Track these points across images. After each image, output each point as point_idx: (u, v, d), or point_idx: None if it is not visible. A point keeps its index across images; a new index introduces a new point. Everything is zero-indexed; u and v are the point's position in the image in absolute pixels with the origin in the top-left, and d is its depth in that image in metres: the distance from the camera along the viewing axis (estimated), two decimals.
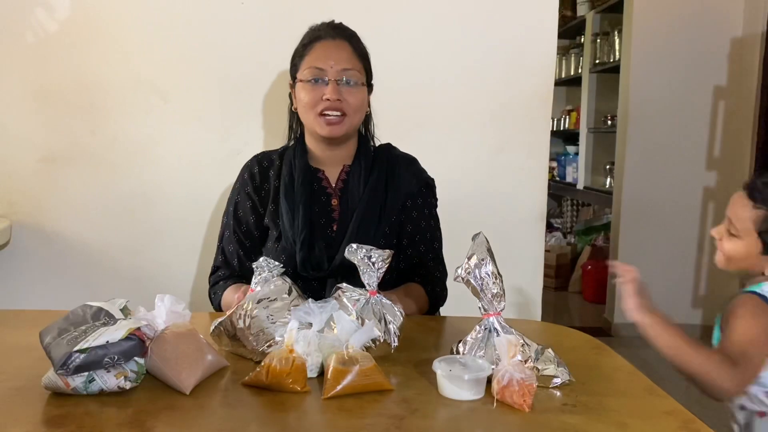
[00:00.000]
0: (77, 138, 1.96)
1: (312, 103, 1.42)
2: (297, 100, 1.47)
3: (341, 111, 1.42)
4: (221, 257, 1.52)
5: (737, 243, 1.35)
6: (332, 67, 1.42)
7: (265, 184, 1.52)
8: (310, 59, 1.44)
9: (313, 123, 1.44)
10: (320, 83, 1.42)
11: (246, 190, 1.52)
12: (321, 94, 1.41)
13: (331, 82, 1.41)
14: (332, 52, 1.43)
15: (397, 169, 1.52)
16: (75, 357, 0.92)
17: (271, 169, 1.53)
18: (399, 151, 1.59)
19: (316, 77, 1.42)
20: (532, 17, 2.00)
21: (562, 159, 5.44)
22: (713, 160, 3.89)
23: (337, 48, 1.45)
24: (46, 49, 1.92)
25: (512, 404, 0.94)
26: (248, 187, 1.52)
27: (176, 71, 1.96)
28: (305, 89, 1.43)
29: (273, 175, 1.52)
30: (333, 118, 1.42)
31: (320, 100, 1.41)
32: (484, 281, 1.05)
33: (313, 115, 1.43)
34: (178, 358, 1.01)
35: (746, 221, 1.30)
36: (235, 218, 1.51)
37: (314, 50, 1.44)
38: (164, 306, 1.06)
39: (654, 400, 0.99)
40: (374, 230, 1.44)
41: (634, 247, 3.97)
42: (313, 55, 1.44)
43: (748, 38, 3.74)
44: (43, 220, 1.98)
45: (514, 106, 2.03)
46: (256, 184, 1.52)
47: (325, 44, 1.45)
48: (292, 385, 0.98)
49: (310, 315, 1.06)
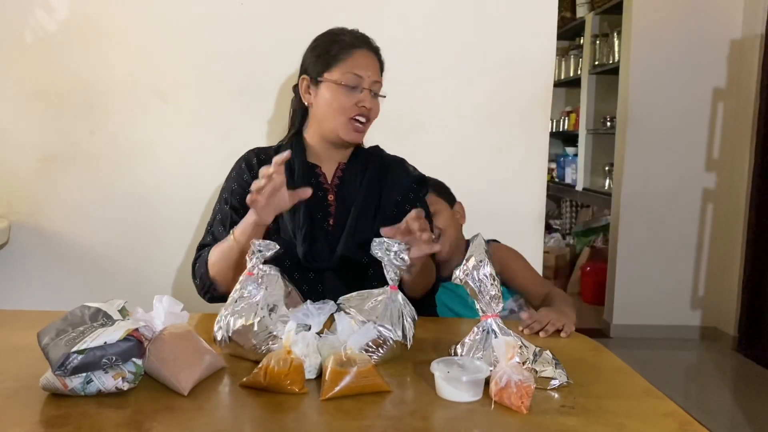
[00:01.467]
0: (76, 138, 1.96)
1: (346, 107, 1.47)
2: (321, 99, 1.49)
3: (369, 119, 1.50)
4: (210, 238, 1.52)
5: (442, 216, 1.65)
6: (369, 77, 1.48)
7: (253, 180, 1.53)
8: (349, 65, 1.47)
9: (339, 126, 1.48)
10: (356, 90, 1.47)
11: (243, 178, 1.52)
12: (356, 101, 1.47)
13: (366, 91, 1.48)
14: (370, 62, 1.50)
15: (389, 168, 1.59)
16: (73, 358, 0.93)
17: (267, 163, 1.54)
18: (387, 153, 1.65)
19: (354, 83, 1.47)
20: (532, 18, 2.00)
21: (562, 160, 5.44)
22: (712, 162, 3.90)
23: (372, 60, 1.51)
24: (45, 49, 1.92)
25: (510, 406, 0.94)
26: (246, 176, 1.53)
27: (175, 72, 1.96)
28: (340, 92, 1.47)
29: None
30: (360, 126, 1.49)
31: (354, 106, 1.47)
32: (482, 283, 1.05)
33: (344, 120, 1.47)
34: (176, 359, 1.01)
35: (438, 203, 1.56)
36: (231, 205, 1.51)
37: (354, 57, 1.48)
38: (162, 307, 1.06)
39: (652, 402, 1.00)
40: (371, 225, 1.46)
41: (633, 249, 3.97)
42: (353, 62, 1.47)
43: (747, 40, 3.74)
44: (41, 221, 1.98)
45: (513, 108, 2.03)
46: (254, 175, 1.52)
47: (364, 54, 1.50)
48: (290, 386, 0.98)
49: (309, 317, 1.06)
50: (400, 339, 1.12)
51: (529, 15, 2.00)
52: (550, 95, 2.04)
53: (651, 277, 3.97)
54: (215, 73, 1.97)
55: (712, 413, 2.91)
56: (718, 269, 3.93)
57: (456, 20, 1.99)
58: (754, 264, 3.67)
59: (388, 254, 1.13)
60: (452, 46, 2.00)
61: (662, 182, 3.91)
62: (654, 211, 3.94)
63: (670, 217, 3.93)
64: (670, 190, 3.91)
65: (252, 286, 1.14)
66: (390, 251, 1.13)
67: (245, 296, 1.14)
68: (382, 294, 1.15)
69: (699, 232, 3.95)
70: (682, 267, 3.97)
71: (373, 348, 1.11)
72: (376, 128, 1.62)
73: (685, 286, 3.99)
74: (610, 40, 4.40)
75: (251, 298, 1.13)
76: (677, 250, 3.96)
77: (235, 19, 1.95)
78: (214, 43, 1.95)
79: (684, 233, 3.95)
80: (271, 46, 1.96)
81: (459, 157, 2.03)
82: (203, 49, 1.96)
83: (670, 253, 3.96)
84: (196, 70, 1.96)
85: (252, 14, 1.94)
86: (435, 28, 1.99)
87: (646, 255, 3.96)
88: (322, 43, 1.52)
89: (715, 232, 3.93)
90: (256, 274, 1.15)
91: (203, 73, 1.97)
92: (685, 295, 3.99)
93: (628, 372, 1.13)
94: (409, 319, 1.15)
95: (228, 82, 1.97)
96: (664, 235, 3.96)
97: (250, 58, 1.96)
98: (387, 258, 1.13)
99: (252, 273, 1.15)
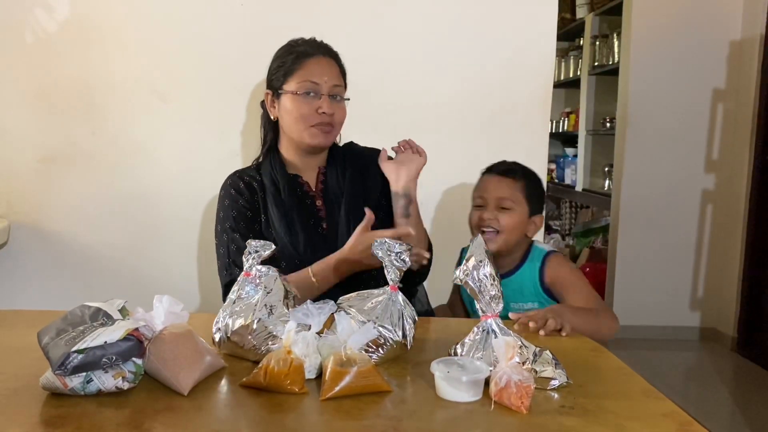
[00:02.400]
0: (76, 138, 1.96)
1: (306, 115, 1.48)
2: (283, 111, 1.52)
3: (331, 124, 1.51)
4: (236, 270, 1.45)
5: (514, 214, 1.57)
6: (326, 83, 1.49)
7: (255, 196, 1.55)
8: (303, 73, 1.49)
9: (303, 134, 1.50)
10: (314, 97, 1.49)
11: (240, 203, 1.53)
12: (315, 107, 1.48)
13: (324, 96, 1.49)
14: (325, 68, 1.51)
15: (367, 161, 1.62)
16: (73, 357, 0.93)
17: (253, 182, 1.57)
18: (362, 146, 1.68)
19: (311, 90, 1.48)
20: (532, 19, 2.00)
21: (561, 161, 5.44)
22: (712, 163, 3.90)
23: (329, 65, 1.53)
24: (45, 49, 1.92)
25: (510, 406, 0.94)
26: (241, 200, 1.53)
27: (175, 72, 1.96)
28: (297, 101, 1.49)
29: (257, 187, 1.56)
30: (325, 128, 1.50)
31: (314, 113, 1.48)
32: (482, 283, 1.05)
33: (304, 126, 1.49)
34: (176, 359, 1.01)
35: (516, 192, 1.58)
36: (240, 233, 1.49)
37: (308, 65, 1.50)
38: (162, 307, 1.06)
39: (651, 402, 1.00)
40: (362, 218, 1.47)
41: (632, 250, 3.97)
42: (307, 70, 1.49)
43: (746, 41, 3.75)
44: (41, 221, 1.98)
45: (513, 108, 2.03)
46: (247, 197, 1.54)
47: (318, 60, 1.51)
48: (290, 386, 0.98)
49: (309, 316, 1.06)
50: (400, 339, 1.12)
51: (528, 16, 2.00)
52: (550, 96, 2.04)
53: (650, 277, 3.97)
54: (215, 73, 1.97)
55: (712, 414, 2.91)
56: (717, 270, 3.93)
57: (456, 21, 2.00)
58: (753, 265, 3.67)
59: (389, 255, 1.13)
60: (452, 47, 2.00)
61: (662, 183, 3.91)
62: (653, 212, 3.94)
63: (669, 218, 3.93)
64: (669, 191, 3.91)
65: (249, 286, 1.14)
66: (391, 252, 1.13)
67: (243, 297, 1.14)
68: (382, 294, 1.15)
69: (698, 233, 3.95)
70: (681, 268, 3.97)
71: (373, 348, 1.11)
72: (376, 128, 1.62)
73: (684, 287, 3.99)
74: (609, 41, 4.40)
75: (249, 299, 1.13)
76: (677, 251, 3.96)
77: (235, 19, 1.95)
78: (214, 43, 1.96)
79: (683, 234, 3.95)
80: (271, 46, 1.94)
81: (459, 157, 2.03)
82: (203, 49, 1.96)
83: (670, 254, 3.96)
84: (197, 70, 1.97)
85: (252, 14, 1.95)
86: (435, 29, 1.99)
87: (646, 256, 3.96)
88: (280, 56, 1.55)
89: (714, 233, 3.93)
90: (253, 275, 1.15)
91: (203, 73, 1.97)
92: (685, 296, 3.99)
93: (628, 372, 1.13)
94: (410, 319, 1.15)
95: (228, 82, 1.97)
96: (664, 236, 3.96)
97: (250, 58, 1.96)
98: (388, 259, 1.13)
99: (249, 274, 1.15)
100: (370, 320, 1.11)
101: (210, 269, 2.02)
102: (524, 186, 1.60)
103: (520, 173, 1.61)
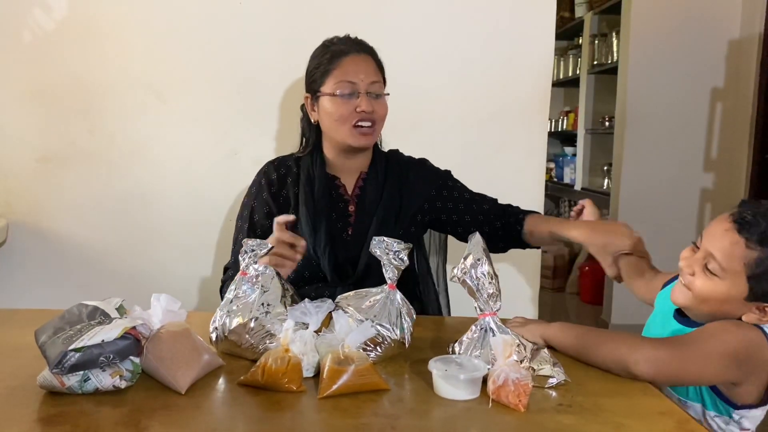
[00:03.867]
0: (74, 138, 1.96)
1: (346, 115, 1.45)
2: (323, 113, 1.49)
3: (372, 121, 1.48)
4: (232, 259, 1.52)
5: (717, 283, 1.11)
6: (363, 81, 1.46)
7: (283, 191, 1.54)
8: (339, 73, 1.46)
9: (346, 135, 1.48)
10: (352, 96, 1.46)
11: (263, 196, 1.53)
12: (354, 107, 1.45)
13: (362, 95, 1.46)
14: (361, 65, 1.47)
15: (409, 174, 1.59)
16: (70, 356, 0.92)
17: (288, 176, 1.56)
18: (406, 156, 1.65)
19: (350, 91, 1.45)
20: (530, 18, 2.00)
21: (560, 160, 5.44)
22: (710, 162, 3.90)
23: (365, 62, 1.49)
24: (43, 48, 1.92)
25: (508, 404, 0.94)
26: (265, 193, 1.53)
27: (174, 71, 1.96)
28: (336, 103, 1.46)
29: (291, 182, 1.55)
30: (366, 129, 1.47)
31: (353, 113, 1.45)
32: (480, 281, 1.05)
33: (347, 128, 1.47)
34: (173, 358, 1.01)
35: (735, 260, 1.08)
36: (250, 222, 1.52)
37: (343, 64, 1.46)
38: (160, 305, 1.06)
39: (649, 401, 1.00)
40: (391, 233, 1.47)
41: None
42: (343, 69, 1.46)
43: (745, 40, 3.75)
44: (39, 220, 1.98)
45: (511, 107, 2.03)
46: (274, 191, 1.54)
47: (353, 59, 1.48)
48: (288, 384, 0.98)
49: (307, 315, 1.06)
50: (398, 337, 1.12)
51: (527, 15, 2.00)
52: (549, 95, 2.04)
53: None
54: (214, 72, 1.97)
55: None
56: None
57: (455, 20, 1.99)
58: None
59: (388, 254, 1.13)
60: (451, 46, 2.00)
61: (660, 182, 3.91)
62: (652, 210, 3.94)
63: (668, 216, 3.93)
64: (668, 189, 3.92)
65: (246, 285, 1.14)
66: (390, 251, 1.13)
67: (240, 296, 1.14)
68: (380, 293, 1.15)
69: (697, 232, 3.93)
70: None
71: (371, 346, 1.11)
72: None
73: None
74: (608, 39, 4.40)
75: (246, 298, 1.13)
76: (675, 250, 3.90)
77: (233, 18, 1.94)
78: (212, 43, 1.95)
79: (682, 233, 3.94)
80: (270, 45, 1.96)
81: (458, 156, 2.03)
82: (202, 48, 1.95)
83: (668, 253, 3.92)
84: (195, 70, 1.96)
85: (251, 14, 1.94)
86: (434, 27, 1.99)
87: None
88: (315, 57, 1.52)
89: None
90: (250, 274, 1.15)
91: (202, 72, 1.96)
92: None
93: None
94: (408, 318, 1.15)
95: (226, 82, 1.97)
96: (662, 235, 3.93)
97: (248, 58, 1.96)
98: (386, 257, 1.13)
99: (246, 273, 1.15)
100: (368, 319, 1.11)
101: (207, 268, 2.02)
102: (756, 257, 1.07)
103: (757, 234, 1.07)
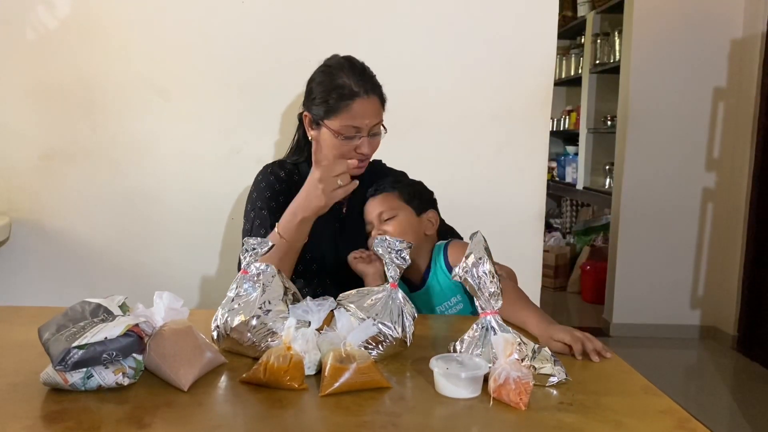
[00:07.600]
0: (77, 135, 1.96)
1: (345, 153, 1.46)
2: (323, 139, 1.48)
3: (368, 157, 1.50)
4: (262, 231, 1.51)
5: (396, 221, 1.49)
6: (367, 125, 1.46)
7: (292, 187, 1.54)
8: (346, 117, 1.44)
9: None
10: (354, 139, 1.46)
11: (276, 188, 1.55)
12: (354, 147, 1.46)
13: (364, 138, 1.46)
14: (368, 109, 1.46)
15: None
16: (73, 353, 0.93)
17: (294, 174, 1.59)
18: (388, 167, 1.69)
19: (353, 134, 1.46)
20: (532, 17, 2.00)
21: (562, 159, 5.44)
22: (712, 161, 3.90)
23: (372, 105, 1.47)
24: (46, 46, 1.92)
25: (509, 402, 0.94)
26: (277, 186, 1.55)
27: (176, 69, 1.96)
28: (339, 141, 1.46)
29: (297, 180, 1.56)
30: (361, 164, 1.48)
31: (353, 152, 1.46)
32: (481, 280, 1.05)
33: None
34: (176, 355, 1.01)
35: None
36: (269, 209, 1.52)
37: (352, 108, 1.44)
38: (163, 303, 1.07)
39: (650, 399, 1.00)
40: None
41: (633, 248, 3.98)
42: (351, 114, 1.44)
43: (748, 39, 3.74)
44: (42, 218, 1.99)
45: (513, 107, 2.03)
46: (285, 186, 1.55)
47: (362, 103, 1.45)
48: (290, 382, 0.99)
49: (309, 313, 1.06)
50: (399, 336, 1.12)
51: (529, 14, 2.00)
52: (551, 94, 2.04)
53: (651, 276, 3.97)
54: (216, 70, 1.97)
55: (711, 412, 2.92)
56: (717, 268, 3.93)
57: (456, 20, 1.99)
58: (753, 263, 3.67)
59: (390, 253, 1.14)
60: (453, 45, 2.00)
61: (662, 181, 3.91)
62: (654, 210, 3.94)
63: (670, 216, 3.94)
64: (670, 189, 3.92)
65: (248, 284, 1.14)
66: (392, 250, 1.14)
67: (241, 295, 1.14)
68: (382, 291, 1.16)
69: (699, 232, 3.95)
70: (681, 266, 3.97)
71: (373, 345, 1.11)
72: None
73: (684, 285, 3.99)
74: (611, 39, 4.40)
75: (248, 296, 1.13)
76: (677, 249, 3.96)
77: (236, 17, 1.95)
78: (215, 41, 1.96)
79: (684, 232, 3.96)
80: (272, 43, 1.96)
81: (459, 156, 2.03)
82: (204, 46, 1.96)
83: (670, 252, 3.96)
84: (197, 68, 1.97)
85: (253, 12, 1.95)
86: (435, 27, 1.99)
87: (646, 254, 3.96)
88: (322, 88, 1.48)
89: (715, 232, 3.93)
90: (251, 272, 1.15)
91: (204, 70, 1.97)
92: (685, 294, 3.99)
93: (627, 369, 1.13)
94: (409, 316, 1.15)
95: (229, 80, 1.97)
96: (664, 234, 3.96)
97: (251, 56, 1.96)
98: (388, 256, 1.14)
99: (247, 271, 1.16)
100: (370, 317, 1.11)
101: (210, 265, 2.03)
102: (398, 194, 1.53)
103: (389, 186, 1.55)
